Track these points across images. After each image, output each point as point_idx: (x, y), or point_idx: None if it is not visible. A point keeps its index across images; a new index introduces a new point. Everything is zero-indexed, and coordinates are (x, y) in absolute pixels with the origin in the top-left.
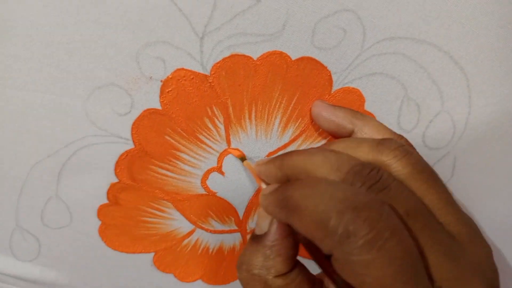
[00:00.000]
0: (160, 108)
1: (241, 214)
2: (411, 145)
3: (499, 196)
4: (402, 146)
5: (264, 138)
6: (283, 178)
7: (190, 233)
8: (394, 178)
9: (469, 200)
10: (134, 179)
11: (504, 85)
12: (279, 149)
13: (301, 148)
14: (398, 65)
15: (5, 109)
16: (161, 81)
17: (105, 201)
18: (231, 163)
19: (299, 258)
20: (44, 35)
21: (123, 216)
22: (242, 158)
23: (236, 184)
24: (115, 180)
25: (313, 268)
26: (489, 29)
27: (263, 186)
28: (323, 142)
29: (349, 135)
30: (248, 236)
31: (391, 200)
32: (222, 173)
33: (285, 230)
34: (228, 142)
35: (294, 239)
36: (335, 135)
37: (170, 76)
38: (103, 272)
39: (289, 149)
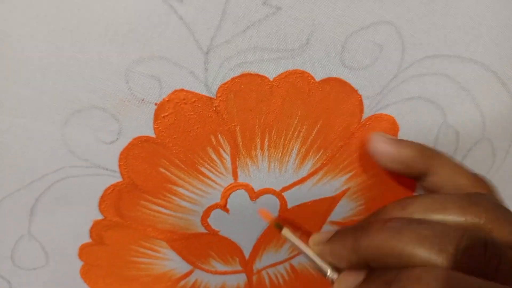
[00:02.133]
0: (153, 135)
1: (247, 253)
2: (494, 188)
3: None
4: (497, 204)
5: (278, 172)
6: (360, 263)
7: (188, 274)
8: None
9: None
10: (122, 216)
11: None
12: (294, 183)
13: (321, 183)
14: (439, 87)
15: None
16: (156, 104)
17: (88, 240)
18: (237, 199)
19: None
20: (10, 48)
21: (109, 257)
22: (278, 225)
23: (243, 222)
24: (100, 217)
25: None
26: None
27: (328, 271)
28: (347, 176)
29: (419, 175)
30: (255, 278)
31: None
32: (226, 210)
33: None
34: (235, 175)
35: None
36: (401, 175)
37: (166, 99)
38: None
39: (306, 184)
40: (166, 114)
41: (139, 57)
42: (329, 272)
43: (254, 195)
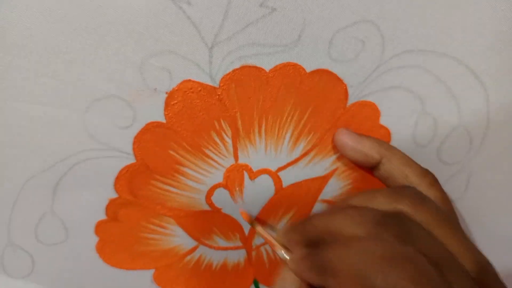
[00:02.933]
0: (164, 121)
1: (246, 230)
2: (436, 181)
3: None
4: (418, 194)
5: (273, 153)
6: (308, 244)
7: (193, 249)
8: (421, 226)
9: (481, 215)
10: (135, 194)
11: None
12: (288, 164)
13: (312, 163)
14: (417, 78)
15: None
16: (166, 93)
17: (104, 217)
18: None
19: None
20: (40, 43)
21: (123, 233)
22: (253, 223)
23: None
24: (115, 195)
25: None
26: None
27: (282, 253)
28: (335, 157)
29: (375, 165)
30: (254, 253)
31: (421, 249)
32: (228, 189)
33: None
34: (236, 157)
35: None
36: (361, 164)
37: (176, 88)
38: None
39: (299, 164)
40: (176, 102)
41: (152, 51)
42: (283, 253)
43: (253, 175)
